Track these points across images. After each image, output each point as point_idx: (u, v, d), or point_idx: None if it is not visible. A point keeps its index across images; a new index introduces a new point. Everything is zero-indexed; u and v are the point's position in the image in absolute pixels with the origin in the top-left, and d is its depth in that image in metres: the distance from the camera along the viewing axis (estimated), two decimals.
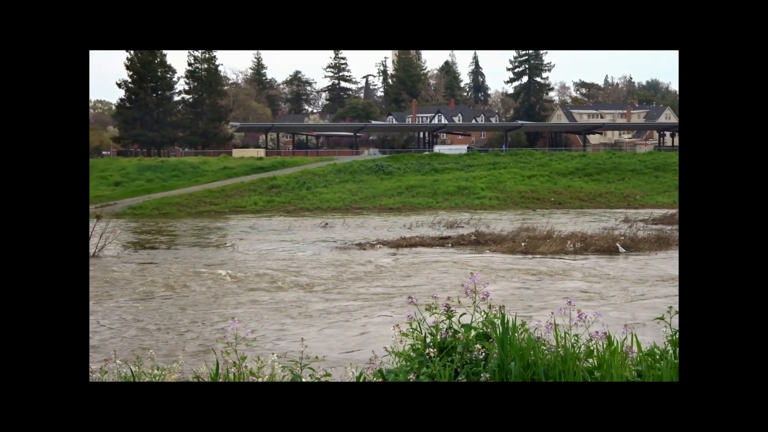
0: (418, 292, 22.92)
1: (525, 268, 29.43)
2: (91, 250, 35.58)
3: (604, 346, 5.48)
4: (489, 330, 5.64)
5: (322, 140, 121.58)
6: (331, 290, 25.85)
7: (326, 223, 52.45)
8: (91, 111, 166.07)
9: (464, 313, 5.80)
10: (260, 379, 6.06)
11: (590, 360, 5.50)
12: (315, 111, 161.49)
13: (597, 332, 5.54)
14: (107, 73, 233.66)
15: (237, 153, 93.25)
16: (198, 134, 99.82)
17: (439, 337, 5.76)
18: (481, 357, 5.54)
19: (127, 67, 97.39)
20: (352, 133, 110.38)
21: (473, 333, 5.72)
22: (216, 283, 27.78)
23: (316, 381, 5.90)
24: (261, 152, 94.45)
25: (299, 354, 6.10)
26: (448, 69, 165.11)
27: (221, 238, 46.64)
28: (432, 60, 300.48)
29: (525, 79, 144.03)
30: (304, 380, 5.93)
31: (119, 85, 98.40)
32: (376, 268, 30.70)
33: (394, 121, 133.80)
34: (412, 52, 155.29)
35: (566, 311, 5.65)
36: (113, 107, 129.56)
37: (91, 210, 59.51)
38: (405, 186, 74.94)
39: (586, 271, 29.02)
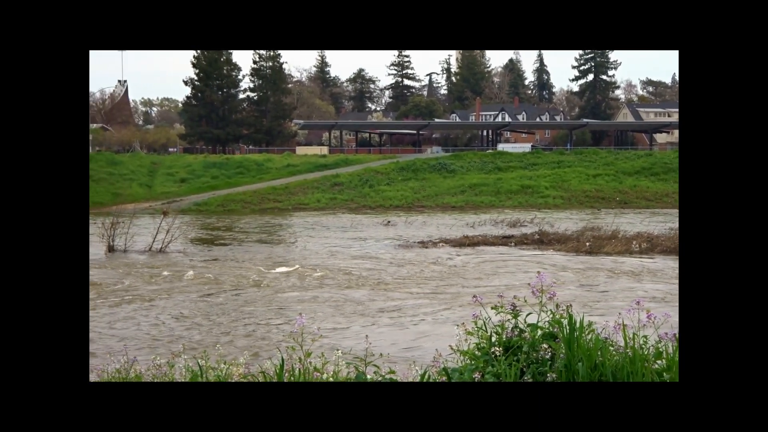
0: (485, 291, 22.83)
1: (590, 268, 29.10)
2: (158, 246, 36.19)
3: (674, 347, 5.38)
4: (555, 330, 5.57)
5: (385, 138, 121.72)
6: (395, 288, 25.88)
7: (389, 221, 52.50)
8: (158, 108, 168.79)
9: (530, 313, 5.75)
10: (324, 375, 6.07)
11: (659, 362, 5.41)
12: (378, 109, 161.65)
13: (666, 333, 5.45)
14: (174, 71, 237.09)
15: (300, 150, 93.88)
16: (262, 132, 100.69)
17: (504, 336, 5.70)
18: (547, 357, 5.48)
19: (194, 65, 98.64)
20: (415, 131, 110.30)
21: (539, 332, 5.65)
22: (282, 279, 28.01)
23: (380, 380, 5.89)
24: (324, 150, 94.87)
25: (364, 351, 6.10)
26: (512, 67, 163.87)
27: (286, 235, 46.99)
28: (496, 58, 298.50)
29: (590, 77, 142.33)
30: (368, 377, 5.93)
31: (186, 83, 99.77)
32: (441, 266, 30.64)
33: (458, 119, 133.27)
34: (476, 50, 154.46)
35: (634, 312, 5.56)
36: (180, 105, 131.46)
37: (158, 206, 60.52)
38: (468, 184, 74.62)
39: (653, 272, 28.59)
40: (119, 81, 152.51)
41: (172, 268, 31.19)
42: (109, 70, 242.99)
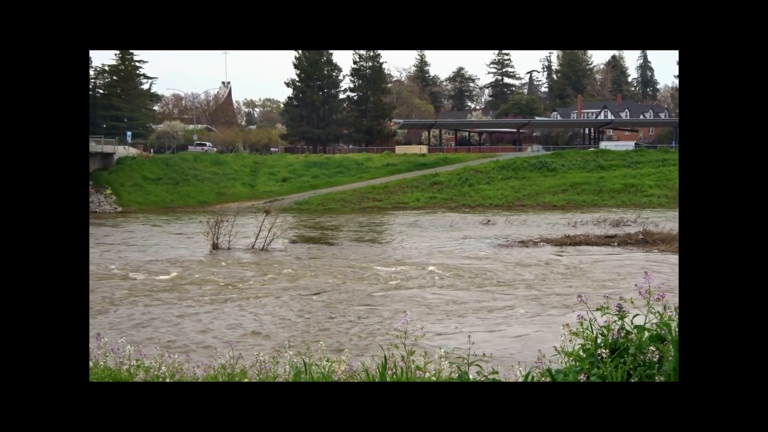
0: (588, 291, 22.49)
1: None
2: (260, 244, 36.81)
3: None
4: (664, 332, 5.45)
5: (484, 137, 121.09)
6: (496, 287, 25.72)
7: (488, 220, 52.21)
8: (260, 108, 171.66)
9: (637, 314, 5.64)
10: (426, 375, 6.08)
11: None
12: (478, 107, 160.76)
13: None
14: (276, 73, 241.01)
15: (400, 149, 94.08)
16: (362, 131, 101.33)
17: (610, 337, 5.61)
18: (655, 359, 5.36)
19: (295, 67, 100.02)
20: (515, 130, 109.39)
21: (646, 334, 5.54)
22: (384, 277, 28.14)
23: (482, 381, 5.86)
24: (424, 149, 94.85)
25: (466, 350, 6.08)
26: (614, 63, 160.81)
27: (387, 234, 47.17)
28: (598, 55, 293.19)
29: None
30: (471, 377, 5.91)
31: (287, 84, 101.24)
32: (543, 266, 30.31)
33: (559, 117, 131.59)
34: None
35: None
36: (281, 105, 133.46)
37: (260, 205, 61.58)
38: (569, 183, 73.59)
39: None
40: (223, 83, 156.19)
41: (274, 266, 31.70)
42: (214, 72, 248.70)
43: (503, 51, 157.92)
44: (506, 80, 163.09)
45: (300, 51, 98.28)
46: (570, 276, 27.75)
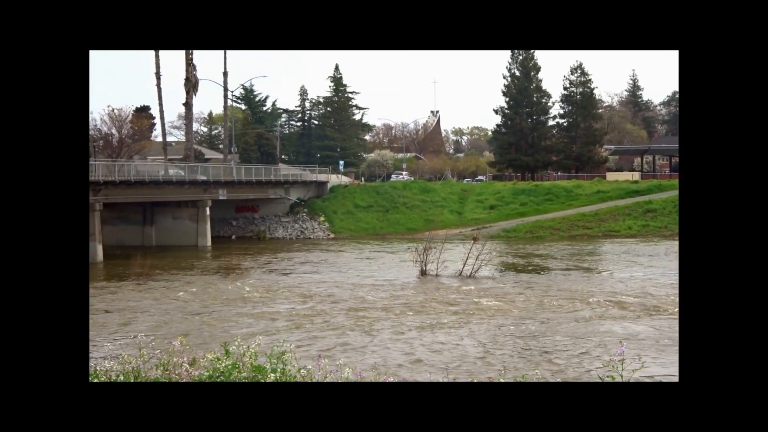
0: None
1: None
2: (467, 271, 36.91)
3: None
4: None
5: None
6: None
7: None
8: (467, 136, 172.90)
9: None
10: None
11: None
12: None
13: None
14: (484, 101, 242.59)
15: (611, 176, 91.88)
16: (572, 158, 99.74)
17: None
18: None
19: (504, 94, 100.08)
20: None
21: None
22: (597, 308, 27.54)
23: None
24: (636, 175, 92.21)
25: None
26: None
27: (599, 263, 46.01)
28: None
29: None
30: None
31: (496, 112, 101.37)
32: None
33: None
34: None
35: None
36: (489, 133, 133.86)
37: (468, 232, 61.92)
38: None
39: None
40: (432, 112, 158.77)
41: (482, 292, 31.71)
42: (423, 101, 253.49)
43: None
44: None
45: (509, 78, 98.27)
46: None
